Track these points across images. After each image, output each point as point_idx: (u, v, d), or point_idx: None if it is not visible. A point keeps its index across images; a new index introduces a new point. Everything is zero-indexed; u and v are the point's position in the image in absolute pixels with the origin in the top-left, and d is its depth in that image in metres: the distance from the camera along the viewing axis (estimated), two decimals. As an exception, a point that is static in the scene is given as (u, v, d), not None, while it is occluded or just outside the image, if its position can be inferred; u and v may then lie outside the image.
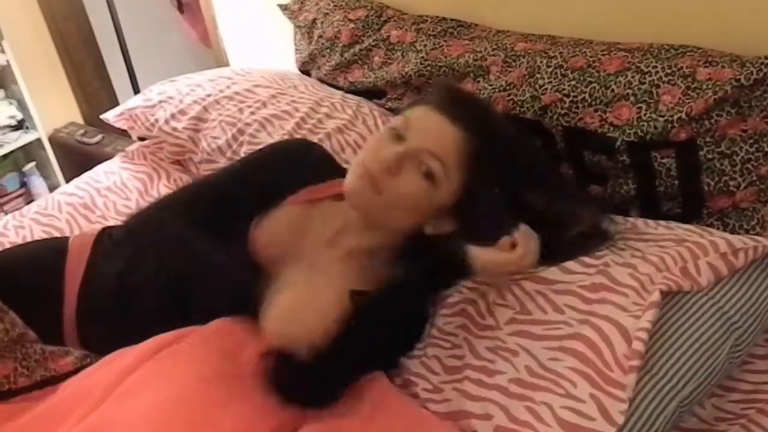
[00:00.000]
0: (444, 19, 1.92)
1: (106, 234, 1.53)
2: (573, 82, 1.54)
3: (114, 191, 2.00)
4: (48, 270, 1.44)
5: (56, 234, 1.85)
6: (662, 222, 1.39)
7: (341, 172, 1.43)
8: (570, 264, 1.28)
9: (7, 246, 1.79)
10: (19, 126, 3.45)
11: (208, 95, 2.01)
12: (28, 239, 1.84)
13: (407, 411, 1.20)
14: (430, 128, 1.30)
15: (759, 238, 1.27)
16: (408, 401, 1.22)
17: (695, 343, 1.14)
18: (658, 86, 1.44)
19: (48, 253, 1.51)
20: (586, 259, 1.29)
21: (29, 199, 3.52)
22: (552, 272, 1.28)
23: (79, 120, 3.75)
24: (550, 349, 1.17)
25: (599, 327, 1.14)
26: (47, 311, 1.40)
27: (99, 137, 3.42)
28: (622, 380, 1.07)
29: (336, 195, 1.41)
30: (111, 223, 1.87)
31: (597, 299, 1.19)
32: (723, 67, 1.38)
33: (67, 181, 2.33)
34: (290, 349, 1.11)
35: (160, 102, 2.07)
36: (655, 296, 1.13)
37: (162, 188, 1.99)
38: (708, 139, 1.41)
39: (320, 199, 1.44)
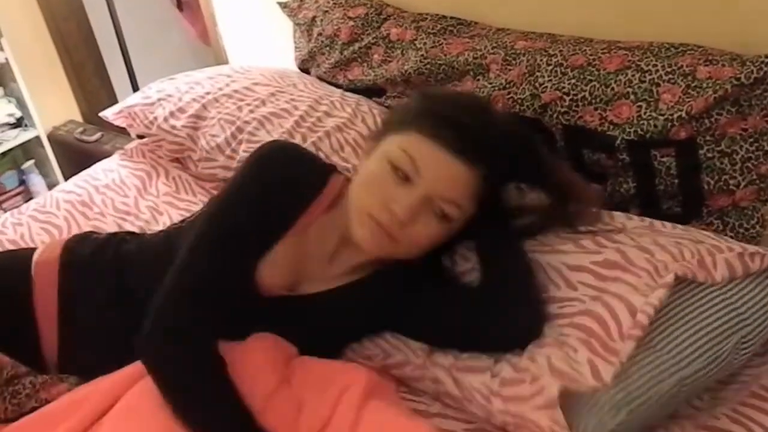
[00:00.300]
0: (444, 17, 1.92)
1: (71, 252, 1.43)
2: (573, 81, 1.54)
3: (112, 189, 2.00)
4: (15, 302, 1.36)
5: (54, 232, 1.86)
6: (678, 225, 1.39)
7: (324, 173, 1.38)
8: (585, 241, 1.31)
9: (5, 243, 1.79)
10: (18, 124, 3.45)
11: (207, 93, 2.01)
12: (26, 236, 1.84)
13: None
14: (440, 171, 1.21)
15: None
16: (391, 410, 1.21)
17: (702, 329, 1.17)
18: (658, 85, 1.44)
19: (10, 284, 1.39)
20: (600, 239, 1.30)
21: (28, 198, 3.51)
22: (568, 248, 1.30)
23: (78, 118, 3.75)
24: (561, 325, 1.19)
25: (609, 304, 1.17)
26: (22, 346, 1.34)
27: (98, 135, 3.41)
28: (619, 348, 1.09)
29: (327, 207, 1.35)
30: (108, 220, 1.88)
31: (611, 277, 1.21)
32: (723, 65, 1.38)
33: (66, 179, 2.33)
34: None
35: (159, 100, 2.07)
36: (669, 278, 1.15)
37: (161, 186, 1.99)
38: (708, 137, 1.41)
39: (311, 221, 1.34)
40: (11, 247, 1.79)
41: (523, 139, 1.35)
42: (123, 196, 1.97)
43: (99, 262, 1.40)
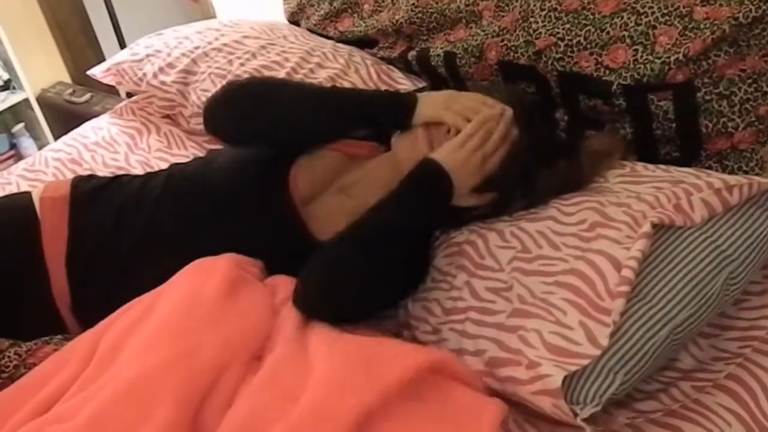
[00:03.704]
0: (435, -36, 1.88)
1: (80, 187, 1.45)
2: (567, 26, 1.51)
3: (102, 146, 1.98)
4: (21, 242, 1.37)
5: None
6: (661, 166, 1.37)
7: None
8: (564, 203, 1.29)
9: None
10: (6, 86, 3.41)
11: (197, 48, 1.98)
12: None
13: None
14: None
15: (754, 177, 1.24)
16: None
17: (689, 273, 1.14)
18: (654, 27, 1.41)
19: (14, 226, 1.40)
20: (579, 197, 1.29)
21: (20, 161, 3.47)
22: (548, 211, 1.28)
23: (67, 79, 3.71)
24: (546, 283, 1.17)
25: (593, 261, 1.14)
26: (29, 287, 1.34)
27: (87, 96, 3.38)
28: (610, 307, 1.07)
29: (365, 155, 1.46)
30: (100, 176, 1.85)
31: (593, 236, 1.19)
32: (721, 5, 1.36)
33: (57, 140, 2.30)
34: None
35: (148, 56, 2.04)
36: (647, 227, 1.13)
37: (152, 141, 1.97)
38: (706, 80, 1.39)
39: (354, 154, 1.46)
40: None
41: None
42: (113, 153, 1.95)
43: (108, 191, 1.43)
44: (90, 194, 1.43)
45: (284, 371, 1.11)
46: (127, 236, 1.35)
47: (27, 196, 1.44)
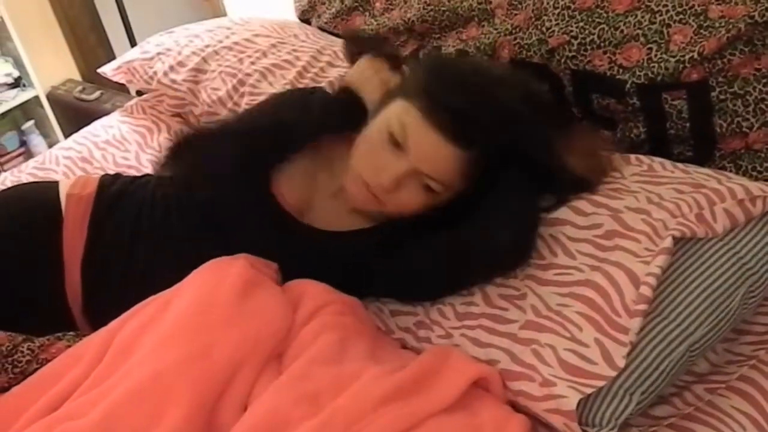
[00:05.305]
0: (447, -39, 1.87)
1: (106, 187, 1.47)
2: (581, 24, 1.50)
3: (113, 144, 1.98)
4: (41, 234, 1.39)
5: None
6: (679, 165, 1.36)
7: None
8: (580, 203, 1.27)
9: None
10: (16, 84, 3.42)
11: (207, 46, 1.98)
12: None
13: None
14: (428, 150, 1.23)
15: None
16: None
17: (708, 288, 1.13)
18: (668, 25, 1.40)
19: (37, 213, 1.42)
20: (596, 197, 1.27)
21: (29, 159, 3.48)
22: (563, 212, 1.27)
23: (77, 77, 3.71)
24: (560, 294, 1.16)
25: (609, 273, 1.13)
26: (45, 283, 1.36)
27: (97, 94, 3.38)
28: (627, 325, 1.06)
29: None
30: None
31: (610, 246, 1.18)
32: (736, 3, 1.34)
33: (67, 138, 2.31)
34: None
35: (158, 54, 2.03)
36: (667, 242, 1.11)
37: (163, 141, 1.96)
38: (720, 79, 1.37)
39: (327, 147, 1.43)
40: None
41: (527, 123, 1.28)
42: (124, 151, 1.95)
43: (127, 196, 1.44)
44: (113, 197, 1.44)
45: (317, 374, 1.12)
46: (140, 247, 1.36)
47: (55, 188, 1.45)
